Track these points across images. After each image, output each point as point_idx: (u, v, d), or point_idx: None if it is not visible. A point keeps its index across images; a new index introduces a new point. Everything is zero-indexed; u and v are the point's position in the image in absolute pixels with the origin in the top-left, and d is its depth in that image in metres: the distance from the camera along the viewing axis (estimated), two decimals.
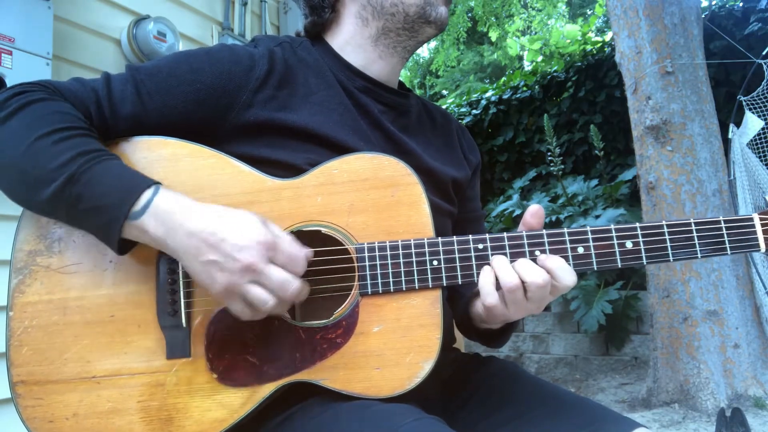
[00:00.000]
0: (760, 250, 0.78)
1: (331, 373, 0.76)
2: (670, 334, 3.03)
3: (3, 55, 1.73)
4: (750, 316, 2.97)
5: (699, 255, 0.78)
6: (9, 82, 1.72)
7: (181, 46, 2.36)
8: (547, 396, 0.85)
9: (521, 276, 0.74)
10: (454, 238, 0.78)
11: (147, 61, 2.19)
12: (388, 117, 0.95)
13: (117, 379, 0.74)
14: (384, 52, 0.95)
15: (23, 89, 0.75)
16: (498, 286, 0.75)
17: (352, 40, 0.95)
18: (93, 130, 0.77)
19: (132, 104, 0.80)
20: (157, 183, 0.72)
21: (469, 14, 9.97)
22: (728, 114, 3.53)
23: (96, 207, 0.69)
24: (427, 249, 0.78)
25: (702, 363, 2.89)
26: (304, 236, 0.79)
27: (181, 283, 0.76)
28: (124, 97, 0.80)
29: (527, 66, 10.97)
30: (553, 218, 4.11)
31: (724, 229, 0.78)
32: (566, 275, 0.74)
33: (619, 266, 0.78)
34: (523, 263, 0.75)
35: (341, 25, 0.96)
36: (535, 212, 0.79)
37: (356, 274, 0.77)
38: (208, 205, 0.72)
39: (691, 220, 0.78)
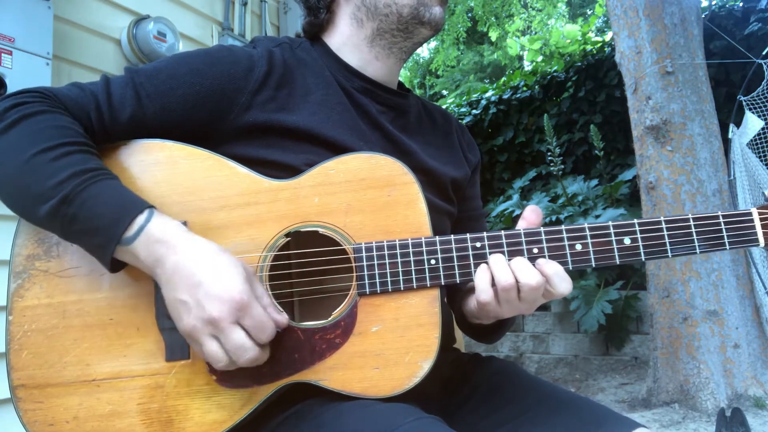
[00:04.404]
0: (759, 245, 0.78)
1: (330, 374, 0.76)
2: (670, 334, 3.03)
3: (3, 55, 1.73)
4: (750, 316, 2.97)
5: (697, 250, 0.78)
6: (9, 82, 1.72)
7: (181, 46, 2.36)
8: (547, 395, 0.85)
9: (516, 275, 0.74)
10: (452, 237, 0.78)
11: (147, 61, 2.20)
12: (386, 117, 0.95)
13: (117, 382, 0.74)
14: (380, 53, 0.95)
15: (22, 100, 0.74)
16: (493, 283, 0.76)
17: (348, 41, 0.95)
18: (92, 144, 0.76)
19: (131, 107, 0.79)
20: (151, 207, 0.71)
21: (469, 14, 9.97)
22: (728, 114, 3.53)
23: (89, 229, 0.69)
24: (424, 248, 0.78)
25: (702, 363, 2.89)
26: (301, 237, 0.79)
27: None
28: (123, 100, 0.79)
29: (527, 66, 10.96)
30: (553, 218, 4.11)
31: (722, 224, 0.78)
32: (562, 283, 0.75)
33: (618, 263, 0.78)
34: (519, 262, 0.75)
35: (337, 26, 0.96)
36: (533, 209, 0.80)
37: (354, 274, 0.77)
38: (199, 240, 0.70)
39: (689, 216, 0.78)
